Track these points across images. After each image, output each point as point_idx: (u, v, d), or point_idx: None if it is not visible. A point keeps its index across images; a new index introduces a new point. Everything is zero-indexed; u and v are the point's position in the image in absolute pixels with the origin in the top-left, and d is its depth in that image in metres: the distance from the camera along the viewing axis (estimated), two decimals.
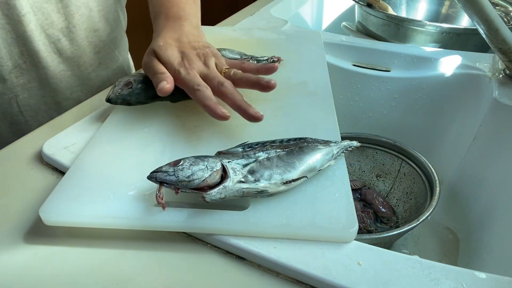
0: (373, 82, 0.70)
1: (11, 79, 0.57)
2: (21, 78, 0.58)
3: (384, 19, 0.81)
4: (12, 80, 0.57)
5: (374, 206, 0.63)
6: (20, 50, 0.56)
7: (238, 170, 0.34)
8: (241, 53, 0.58)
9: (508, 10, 0.84)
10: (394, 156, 0.65)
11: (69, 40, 0.60)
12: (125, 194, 0.36)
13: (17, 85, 0.58)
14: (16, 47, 0.56)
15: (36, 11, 0.55)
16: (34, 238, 0.35)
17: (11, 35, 0.55)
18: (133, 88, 0.46)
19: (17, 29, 0.54)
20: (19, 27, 0.54)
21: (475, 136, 0.61)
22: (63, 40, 0.59)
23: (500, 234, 0.51)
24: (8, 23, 0.53)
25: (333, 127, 0.45)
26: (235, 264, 0.33)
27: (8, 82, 0.57)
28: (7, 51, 0.55)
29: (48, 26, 0.57)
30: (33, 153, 0.44)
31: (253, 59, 0.56)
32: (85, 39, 0.62)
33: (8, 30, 0.54)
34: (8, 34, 0.54)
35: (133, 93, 0.46)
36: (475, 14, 0.51)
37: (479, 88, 0.62)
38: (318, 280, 0.31)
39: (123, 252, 0.34)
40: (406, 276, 0.31)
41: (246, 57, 0.57)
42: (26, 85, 0.59)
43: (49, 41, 0.58)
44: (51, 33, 0.57)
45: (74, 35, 0.60)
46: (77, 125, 0.47)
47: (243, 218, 0.34)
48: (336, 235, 0.33)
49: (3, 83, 0.57)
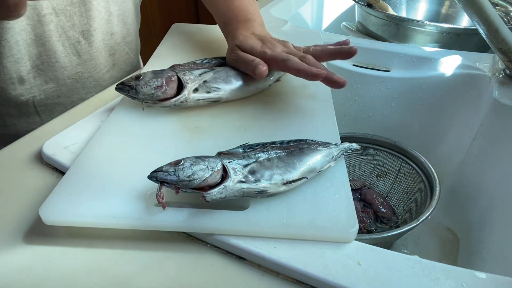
0: (373, 82, 0.70)
1: (29, 79, 0.58)
2: (39, 79, 0.59)
3: (384, 19, 0.81)
4: (30, 80, 0.58)
5: (374, 206, 0.63)
6: (38, 51, 0.57)
7: (239, 170, 0.34)
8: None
9: (508, 10, 0.84)
10: (394, 156, 0.65)
11: (88, 42, 0.61)
12: (126, 194, 0.36)
13: (35, 85, 0.59)
14: (35, 47, 0.57)
15: (59, 13, 0.56)
16: (34, 238, 0.35)
17: (30, 35, 0.56)
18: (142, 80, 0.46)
19: (36, 30, 0.55)
20: (39, 27, 0.55)
21: (475, 136, 0.61)
22: (83, 43, 0.60)
23: (500, 234, 0.51)
24: (28, 24, 0.55)
25: (333, 130, 0.45)
26: (235, 264, 0.33)
27: (26, 83, 0.58)
28: (27, 51, 0.56)
29: (69, 28, 0.58)
30: (33, 153, 0.44)
31: None
32: (102, 41, 0.63)
33: (28, 31, 0.55)
34: (27, 34, 0.55)
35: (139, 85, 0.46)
36: (475, 14, 0.51)
37: (479, 88, 0.62)
38: (318, 280, 0.31)
39: (123, 252, 0.34)
40: (406, 276, 0.31)
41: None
42: (43, 86, 0.60)
43: (69, 42, 0.59)
44: (72, 35, 0.59)
45: (93, 38, 0.61)
46: (77, 125, 0.47)
47: (243, 218, 0.34)
48: (336, 235, 0.33)
49: (21, 84, 0.58)
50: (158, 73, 0.46)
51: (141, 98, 0.45)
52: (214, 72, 0.48)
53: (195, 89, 0.46)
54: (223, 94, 0.48)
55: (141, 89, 0.45)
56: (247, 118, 0.46)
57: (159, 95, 0.45)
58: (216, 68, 0.50)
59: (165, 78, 0.46)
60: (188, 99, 0.46)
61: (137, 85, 0.45)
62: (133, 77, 0.46)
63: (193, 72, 0.48)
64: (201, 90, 0.46)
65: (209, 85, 0.47)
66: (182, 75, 0.47)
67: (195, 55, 0.61)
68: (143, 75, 0.46)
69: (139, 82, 0.45)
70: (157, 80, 0.45)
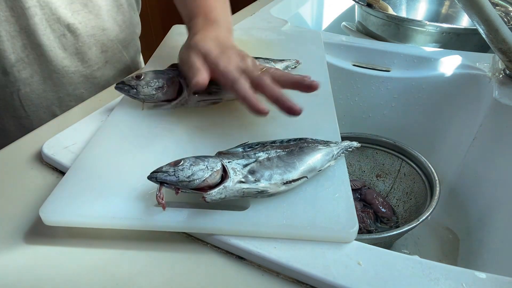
0: (373, 82, 0.70)
1: (13, 72, 0.57)
2: (24, 72, 0.58)
3: (384, 19, 0.81)
4: (15, 73, 0.58)
5: (374, 206, 0.63)
6: (23, 43, 0.56)
7: (239, 170, 0.34)
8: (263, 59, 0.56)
9: (508, 10, 0.84)
10: (394, 156, 0.65)
11: (74, 36, 0.60)
12: (125, 194, 0.36)
13: (19, 78, 0.58)
14: (19, 40, 0.56)
15: (44, 6, 0.55)
16: (34, 238, 0.35)
17: (15, 27, 0.55)
18: (143, 79, 0.45)
19: (21, 22, 0.55)
20: (23, 20, 0.54)
21: (475, 136, 0.61)
22: (68, 36, 0.59)
23: (500, 234, 0.51)
24: (12, 15, 0.54)
25: (333, 128, 0.45)
26: (235, 264, 0.33)
27: (10, 76, 0.57)
28: (10, 44, 0.56)
29: (54, 21, 0.57)
30: (33, 153, 0.44)
31: (270, 60, 0.55)
32: (92, 37, 0.62)
33: (12, 22, 0.54)
34: (11, 26, 0.55)
35: (140, 85, 0.45)
36: (475, 14, 0.51)
37: (479, 88, 0.62)
38: (318, 280, 0.31)
39: (123, 252, 0.34)
40: (406, 276, 0.31)
41: (267, 60, 0.55)
42: (28, 79, 0.59)
43: (54, 35, 0.58)
44: (57, 28, 0.58)
45: (80, 31, 0.60)
46: (77, 125, 0.47)
47: (243, 218, 0.34)
48: (336, 235, 0.33)
49: (5, 76, 0.57)
50: (159, 74, 0.46)
51: (141, 98, 0.45)
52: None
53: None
54: (224, 95, 0.47)
55: (142, 89, 0.45)
56: (247, 117, 0.46)
57: (160, 96, 0.45)
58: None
59: (166, 79, 0.46)
60: (189, 100, 0.46)
61: (138, 85, 0.45)
62: (134, 76, 0.46)
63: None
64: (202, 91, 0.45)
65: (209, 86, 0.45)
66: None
67: None
68: (144, 75, 0.45)
69: (140, 82, 0.45)
70: (158, 81, 0.45)
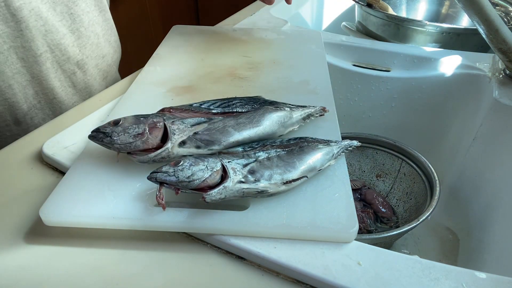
0: (373, 82, 0.70)
1: (26, 121, 0.57)
2: (36, 118, 0.58)
3: (384, 19, 0.81)
4: (27, 122, 0.57)
5: (374, 206, 0.63)
6: (35, 91, 0.56)
7: (238, 170, 0.34)
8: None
9: (508, 10, 0.84)
10: (394, 156, 0.65)
11: (83, 72, 0.60)
12: (125, 194, 0.36)
13: (32, 125, 0.58)
14: (31, 88, 0.55)
15: (54, 49, 0.55)
16: (34, 238, 0.35)
17: (26, 77, 0.54)
18: (120, 125, 0.37)
19: (33, 70, 0.54)
20: (35, 68, 0.54)
21: (475, 136, 0.61)
22: (78, 73, 0.59)
23: (500, 234, 0.51)
24: (23, 66, 0.53)
25: (334, 127, 0.45)
26: (235, 264, 0.33)
27: (23, 124, 0.57)
28: (23, 94, 0.55)
29: (64, 61, 0.57)
30: (33, 153, 0.44)
31: (287, 107, 0.44)
32: (95, 67, 0.62)
33: (23, 73, 0.53)
34: (23, 77, 0.54)
35: (115, 132, 0.37)
36: (475, 14, 0.51)
37: (479, 88, 0.62)
38: (318, 280, 0.31)
39: (123, 252, 0.34)
40: (406, 276, 0.31)
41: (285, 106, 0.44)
42: (40, 123, 0.58)
43: (65, 76, 0.58)
44: (67, 68, 0.58)
45: (87, 65, 0.60)
46: (77, 125, 0.47)
47: (243, 218, 0.34)
48: (336, 235, 0.33)
49: (18, 126, 0.57)
50: (141, 118, 0.38)
51: (116, 148, 0.37)
52: (210, 122, 0.39)
53: (182, 142, 0.37)
54: (217, 149, 0.38)
55: (117, 137, 0.36)
56: None
57: (138, 144, 0.37)
58: (215, 118, 0.40)
59: (149, 124, 0.38)
60: (172, 154, 0.37)
61: (113, 132, 0.37)
62: (111, 122, 0.38)
63: (184, 122, 0.39)
64: (190, 144, 0.37)
65: (199, 137, 0.38)
66: (170, 123, 0.38)
67: (195, 56, 0.61)
68: (123, 120, 0.38)
69: (116, 128, 0.37)
70: (138, 127, 0.37)
